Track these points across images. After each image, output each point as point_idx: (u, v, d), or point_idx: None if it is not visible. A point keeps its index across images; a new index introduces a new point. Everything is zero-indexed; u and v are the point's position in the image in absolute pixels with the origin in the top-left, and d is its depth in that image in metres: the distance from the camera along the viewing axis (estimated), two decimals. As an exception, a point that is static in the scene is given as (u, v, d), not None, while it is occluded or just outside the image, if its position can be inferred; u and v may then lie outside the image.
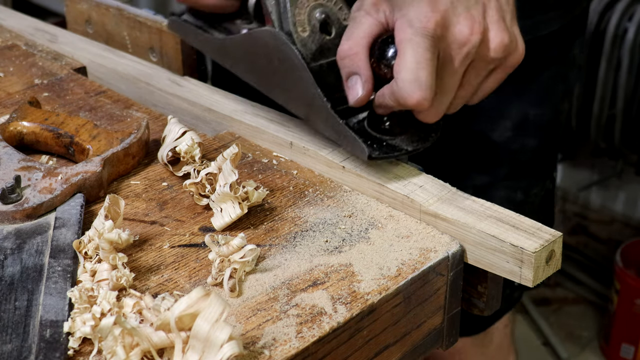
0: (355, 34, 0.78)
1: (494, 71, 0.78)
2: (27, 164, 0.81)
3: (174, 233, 0.76)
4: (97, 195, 0.81)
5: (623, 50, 2.30)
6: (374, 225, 0.77)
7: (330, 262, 0.72)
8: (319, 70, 0.83)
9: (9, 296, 0.67)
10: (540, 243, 0.71)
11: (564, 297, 2.54)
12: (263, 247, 0.74)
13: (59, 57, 1.11)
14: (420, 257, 0.73)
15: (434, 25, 0.72)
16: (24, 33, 1.20)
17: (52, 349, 0.61)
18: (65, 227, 0.74)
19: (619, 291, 2.21)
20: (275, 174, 0.86)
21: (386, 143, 0.81)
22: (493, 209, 0.76)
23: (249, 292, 0.69)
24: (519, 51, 0.77)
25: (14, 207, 0.75)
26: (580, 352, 2.36)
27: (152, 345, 0.60)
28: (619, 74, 2.33)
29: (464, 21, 0.73)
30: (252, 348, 0.63)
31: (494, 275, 0.75)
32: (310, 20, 0.84)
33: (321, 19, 0.84)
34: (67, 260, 0.70)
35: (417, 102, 0.73)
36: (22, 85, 1.04)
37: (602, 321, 2.39)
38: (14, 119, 0.89)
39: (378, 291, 0.69)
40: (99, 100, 1.00)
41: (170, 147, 0.84)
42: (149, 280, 0.70)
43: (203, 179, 0.79)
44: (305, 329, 0.64)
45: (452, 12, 0.73)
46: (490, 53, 0.75)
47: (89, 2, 1.20)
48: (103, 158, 0.82)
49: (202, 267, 0.72)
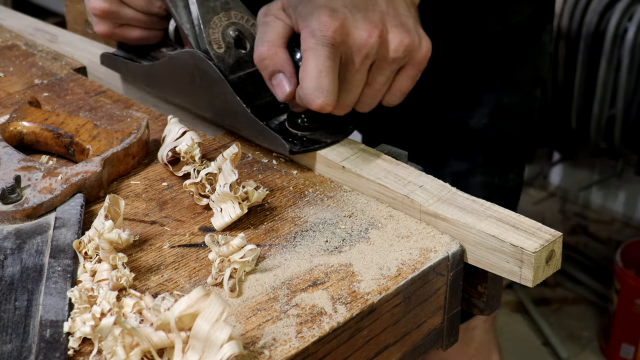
0: (269, 36, 0.82)
1: (402, 70, 0.82)
2: (27, 164, 0.81)
3: (174, 233, 0.76)
4: (97, 195, 0.81)
5: (623, 50, 2.30)
6: (374, 225, 0.77)
7: (330, 262, 0.72)
8: (237, 81, 0.89)
9: (9, 296, 0.67)
10: (540, 243, 0.71)
11: (564, 297, 2.54)
12: (263, 247, 0.74)
13: (59, 57, 1.11)
14: (420, 257, 0.73)
15: (333, 33, 0.77)
16: (24, 33, 1.20)
17: (52, 349, 0.61)
18: (65, 227, 0.74)
19: (619, 291, 2.21)
20: (275, 174, 0.86)
21: (306, 138, 0.87)
22: (493, 209, 0.76)
23: (249, 292, 0.69)
24: (423, 49, 0.81)
25: (14, 207, 0.76)
26: (580, 352, 2.36)
27: (152, 345, 0.60)
28: (619, 74, 2.33)
29: (363, 26, 0.78)
30: (252, 348, 0.63)
31: (494, 275, 0.75)
32: (224, 37, 0.90)
33: (235, 35, 0.91)
34: (67, 260, 0.70)
35: (320, 107, 0.79)
36: (22, 85, 1.04)
37: (602, 321, 2.39)
38: (14, 119, 0.89)
39: (378, 291, 0.69)
40: (99, 100, 1.00)
41: (170, 147, 0.84)
42: (149, 280, 0.70)
43: (203, 179, 0.79)
44: (305, 329, 0.64)
45: (351, 19, 0.78)
46: (390, 53, 0.79)
47: (89, 3, 1.20)
48: (103, 158, 0.82)
49: (202, 267, 0.72)
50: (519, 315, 2.48)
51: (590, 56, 2.37)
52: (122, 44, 1.02)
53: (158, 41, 1.00)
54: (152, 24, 0.97)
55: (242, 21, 0.92)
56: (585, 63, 2.38)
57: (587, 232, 2.75)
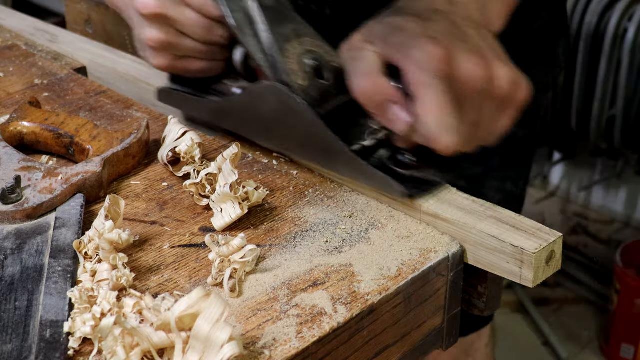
0: (367, 68, 0.75)
1: (505, 108, 0.76)
2: (27, 164, 0.81)
3: (174, 233, 0.76)
4: (97, 195, 0.81)
5: (623, 50, 2.30)
6: (374, 225, 0.77)
7: (331, 263, 0.72)
8: (326, 117, 0.80)
9: (9, 296, 0.67)
10: (541, 244, 0.71)
11: (564, 297, 2.55)
12: (263, 248, 0.74)
13: (59, 57, 1.11)
14: (421, 257, 0.73)
15: (445, 65, 0.71)
16: (24, 33, 1.20)
17: (52, 349, 0.61)
18: (66, 227, 0.74)
19: (619, 291, 2.21)
20: (275, 174, 0.86)
21: (414, 177, 0.79)
22: (493, 209, 0.76)
23: (249, 293, 0.69)
24: (525, 87, 0.76)
25: (14, 207, 0.76)
26: (580, 352, 2.36)
27: (153, 345, 0.60)
28: (619, 74, 2.33)
29: (468, 58, 0.72)
30: (252, 348, 0.63)
31: (494, 276, 0.75)
32: (303, 68, 0.82)
33: (314, 65, 0.82)
34: (67, 261, 0.70)
35: (448, 146, 0.72)
36: (22, 85, 1.04)
37: (602, 321, 2.39)
38: (14, 119, 0.89)
39: (378, 291, 0.69)
40: (99, 100, 1.00)
41: (170, 148, 0.84)
42: (149, 280, 0.70)
43: (203, 179, 0.79)
44: (305, 329, 0.64)
45: (454, 50, 0.72)
46: (500, 89, 0.74)
47: (89, 2, 1.20)
48: (103, 158, 0.82)
49: (202, 267, 0.72)
50: (519, 315, 2.48)
51: (590, 56, 2.37)
52: (175, 76, 0.93)
53: (220, 73, 0.91)
54: (214, 55, 0.89)
55: (318, 48, 0.83)
56: (585, 63, 2.38)
57: (587, 232, 2.75)
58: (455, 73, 0.72)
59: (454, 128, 0.71)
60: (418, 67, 0.72)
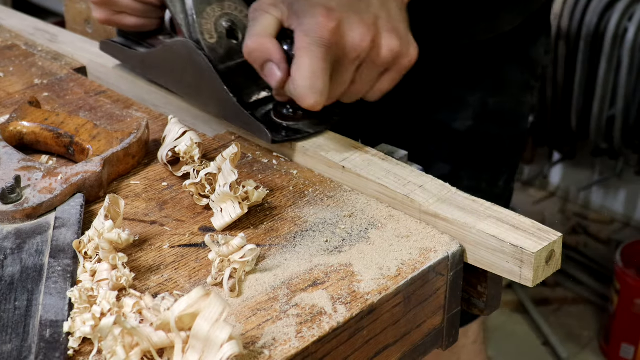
0: (258, 30, 0.83)
1: (386, 72, 0.84)
2: (27, 164, 0.81)
3: (174, 233, 0.76)
4: (97, 195, 0.81)
5: (623, 50, 2.30)
6: (374, 225, 0.77)
7: (330, 262, 0.72)
8: (227, 71, 0.91)
9: (8, 296, 0.67)
10: (540, 243, 0.71)
11: (564, 297, 2.55)
12: (263, 247, 0.74)
13: (59, 57, 1.11)
14: (420, 257, 0.73)
15: (329, 35, 0.78)
16: (24, 33, 1.20)
17: (52, 349, 0.61)
18: (65, 227, 0.74)
19: (619, 291, 2.21)
20: (275, 174, 0.86)
21: (290, 128, 0.89)
22: (493, 209, 0.76)
23: (249, 292, 0.69)
24: (411, 55, 0.83)
25: (14, 207, 0.75)
26: (580, 352, 2.36)
27: (152, 345, 0.60)
28: (619, 74, 2.33)
29: (357, 29, 0.80)
30: (252, 348, 0.63)
31: (493, 276, 0.75)
32: (217, 28, 0.92)
33: (227, 26, 0.93)
34: (67, 260, 0.70)
35: (311, 106, 0.81)
36: (22, 85, 1.04)
37: (602, 321, 2.39)
38: (14, 119, 0.89)
39: (378, 291, 0.69)
40: (99, 100, 1.00)
41: (169, 147, 0.84)
42: (149, 280, 0.70)
43: (203, 179, 0.79)
44: (305, 329, 0.64)
45: (346, 21, 0.79)
46: (380, 57, 0.81)
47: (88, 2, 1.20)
48: (103, 158, 0.82)
49: (202, 267, 0.72)
50: (519, 315, 2.48)
51: (590, 56, 2.37)
52: (121, 31, 1.05)
53: (155, 29, 1.02)
54: (148, 13, 1.00)
55: (236, 12, 0.94)
56: (585, 63, 2.38)
57: (587, 232, 2.75)
58: (339, 41, 0.79)
59: (318, 90, 0.79)
60: (305, 34, 0.79)
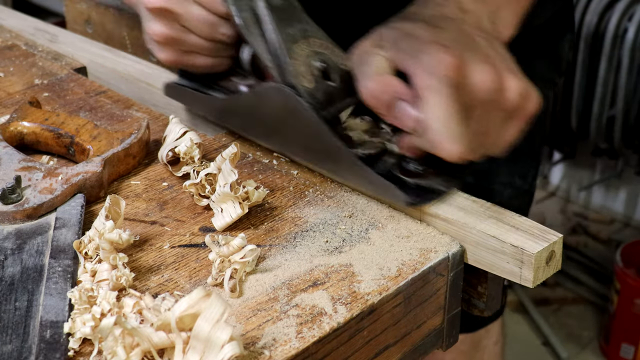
0: (375, 69, 0.75)
1: (513, 119, 0.76)
2: (27, 164, 0.81)
3: (174, 233, 0.76)
4: (98, 195, 0.81)
5: (623, 50, 2.30)
6: (374, 225, 0.77)
7: (331, 263, 0.72)
8: (331, 119, 0.80)
9: (9, 296, 0.67)
10: (541, 244, 0.71)
11: (564, 297, 2.55)
12: (263, 248, 0.74)
13: (59, 57, 1.11)
14: (421, 257, 0.73)
15: (456, 72, 0.70)
16: (24, 33, 1.20)
17: (52, 349, 0.61)
18: (66, 228, 0.74)
19: (619, 291, 2.21)
20: (276, 174, 0.86)
21: (419, 186, 0.78)
22: (493, 209, 0.76)
23: (249, 293, 0.69)
24: (535, 99, 0.75)
25: (15, 207, 0.75)
26: (580, 352, 2.36)
27: (153, 345, 0.60)
28: (619, 74, 2.33)
29: (482, 68, 0.72)
30: (252, 348, 0.63)
31: (494, 276, 0.75)
32: (310, 70, 0.80)
33: (321, 66, 0.81)
34: (68, 261, 0.70)
35: (454, 154, 0.71)
36: (22, 85, 1.04)
37: (602, 321, 2.39)
38: (14, 119, 0.89)
39: (378, 291, 0.69)
40: (99, 100, 1.00)
41: (169, 148, 0.84)
42: (149, 280, 0.70)
43: (202, 179, 0.79)
44: (305, 329, 0.64)
45: (468, 57, 0.72)
46: (509, 101, 0.73)
47: (89, 2, 1.20)
48: (103, 158, 0.82)
49: (203, 267, 0.72)
50: (519, 315, 2.48)
51: (590, 56, 2.37)
52: (184, 71, 0.93)
53: (226, 69, 0.91)
54: (220, 52, 0.89)
55: (327, 51, 0.83)
56: (585, 63, 2.38)
57: (587, 232, 2.75)
58: (465, 81, 0.71)
59: (459, 135, 0.70)
60: (427, 72, 0.71)
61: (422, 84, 0.71)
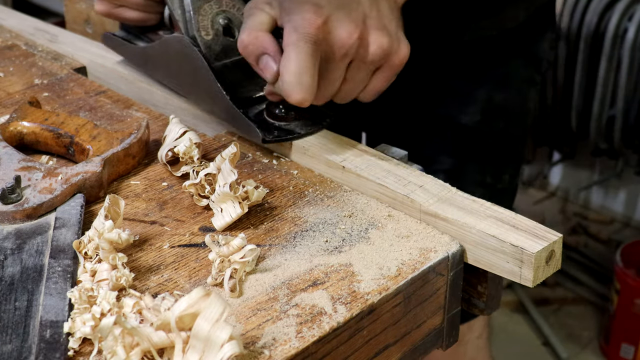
0: (252, 24, 0.84)
1: (378, 70, 0.84)
2: (27, 164, 0.81)
3: (174, 233, 0.76)
4: (97, 195, 0.81)
5: (623, 50, 2.30)
6: (374, 225, 0.77)
7: (330, 262, 0.72)
8: (222, 68, 0.92)
9: (9, 296, 0.67)
10: (541, 243, 0.71)
11: (564, 297, 2.55)
12: (263, 247, 0.74)
13: (59, 57, 1.11)
14: (420, 257, 0.73)
15: (317, 31, 0.79)
16: (24, 33, 1.20)
17: (52, 349, 0.61)
18: (65, 227, 0.74)
19: (619, 291, 2.21)
20: (275, 174, 0.86)
21: (281, 128, 0.89)
22: (493, 208, 0.76)
23: (249, 292, 0.69)
24: (401, 53, 0.83)
25: (14, 207, 0.75)
26: (580, 352, 2.36)
27: (153, 345, 0.60)
28: (619, 74, 2.33)
29: (345, 25, 0.80)
30: (252, 348, 0.63)
31: (494, 275, 0.75)
32: (213, 25, 0.93)
33: (224, 23, 0.94)
34: (67, 261, 0.70)
35: (299, 102, 0.81)
36: (22, 85, 1.04)
37: (602, 321, 2.39)
38: (14, 119, 0.89)
39: (378, 291, 0.69)
40: (99, 100, 1.00)
41: (168, 148, 0.84)
42: (149, 280, 0.70)
43: (202, 179, 0.79)
44: (305, 329, 0.64)
45: (334, 18, 0.80)
46: (369, 55, 0.81)
47: (88, 2, 1.20)
48: (103, 158, 0.82)
49: (202, 267, 0.72)
50: (519, 315, 2.48)
51: (590, 56, 2.37)
52: (124, 25, 1.06)
53: (155, 24, 1.03)
54: (149, 7, 1.01)
55: (233, 10, 0.95)
56: (585, 63, 2.38)
57: (587, 232, 2.75)
58: (326, 37, 0.79)
59: (305, 85, 0.80)
60: (293, 30, 0.80)
61: (286, 40, 0.80)
